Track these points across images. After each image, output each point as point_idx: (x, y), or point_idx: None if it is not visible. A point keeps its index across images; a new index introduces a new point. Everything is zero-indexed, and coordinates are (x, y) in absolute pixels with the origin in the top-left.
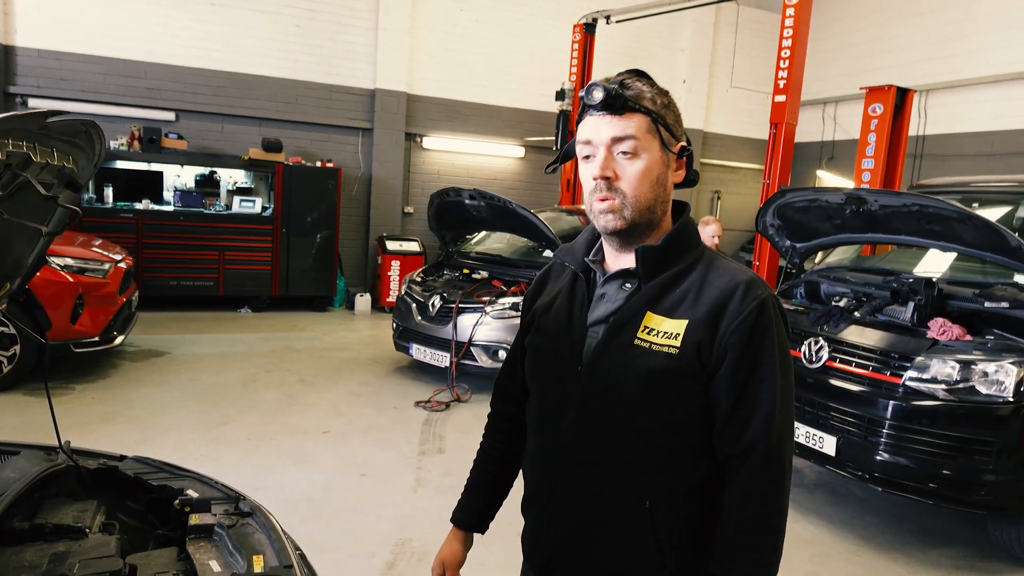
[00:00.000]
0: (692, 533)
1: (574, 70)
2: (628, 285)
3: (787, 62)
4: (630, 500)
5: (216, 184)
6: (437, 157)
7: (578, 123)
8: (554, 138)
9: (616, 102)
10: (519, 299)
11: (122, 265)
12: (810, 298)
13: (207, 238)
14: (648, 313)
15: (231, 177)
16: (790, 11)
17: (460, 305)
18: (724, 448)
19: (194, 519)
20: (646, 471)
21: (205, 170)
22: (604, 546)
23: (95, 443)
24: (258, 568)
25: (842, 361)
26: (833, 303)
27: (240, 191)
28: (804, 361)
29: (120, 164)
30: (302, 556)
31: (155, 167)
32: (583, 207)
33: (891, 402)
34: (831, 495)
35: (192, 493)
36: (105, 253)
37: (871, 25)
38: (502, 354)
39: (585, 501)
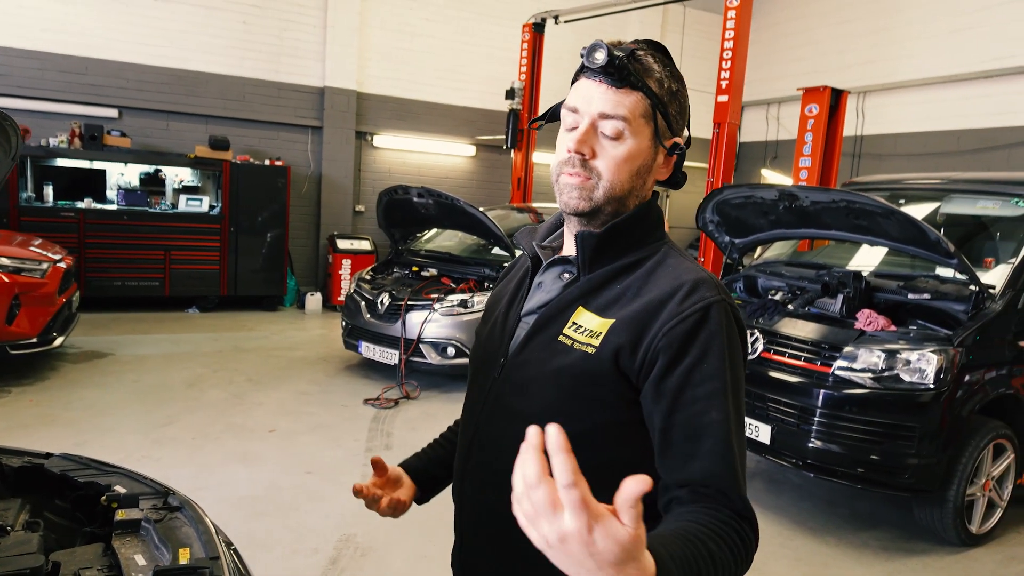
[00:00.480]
0: None
1: (523, 70)
2: (567, 275)
3: (729, 63)
4: None
5: (161, 183)
6: (388, 155)
7: (573, 82)
8: (504, 136)
9: (618, 72)
10: (467, 296)
11: (61, 265)
12: (749, 292)
13: (152, 237)
14: (580, 308)
15: (177, 176)
16: (731, 12)
17: (409, 302)
18: (667, 487)
19: (120, 514)
20: None
21: (150, 168)
22: (510, 566)
23: (31, 446)
24: (184, 560)
25: (776, 352)
26: (769, 296)
27: (187, 190)
28: None
29: (61, 162)
30: (233, 549)
31: (97, 165)
32: (536, 203)
33: (822, 391)
34: (768, 483)
35: (120, 489)
36: (43, 252)
37: (810, 28)
38: (451, 351)
39: (487, 511)
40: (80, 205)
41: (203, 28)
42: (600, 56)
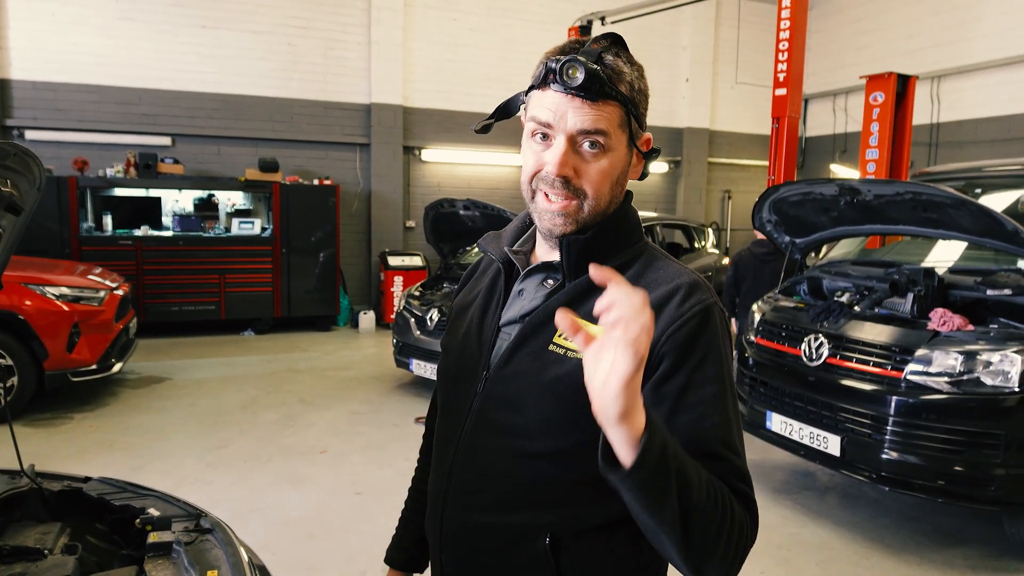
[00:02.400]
0: None
1: None
2: (550, 281)
3: (786, 54)
4: (527, 534)
5: (215, 207)
6: (437, 169)
7: (533, 87)
8: None
9: (596, 87)
10: None
11: (118, 292)
12: (814, 295)
13: (207, 262)
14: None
15: (229, 199)
16: (786, 1)
17: None
18: None
19: (153, 537)
20: (547, 502)
21: (203, 193)
22: None
23: (90, 472)
24: None
25: (843, 357)
26: (834, 298)
27: (239, 213)
28: (804, 359)
29: (118, 191)
30: (263, 570)
31: (153, 193)
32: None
33: (894, 398)
34: (843, 498)
35: (154, 512)
36: (101, 281)
37: (876, 13)
38: None
39: (473, 533)
40: (137, 233)
41: (250, 53)
42: (579, 75)
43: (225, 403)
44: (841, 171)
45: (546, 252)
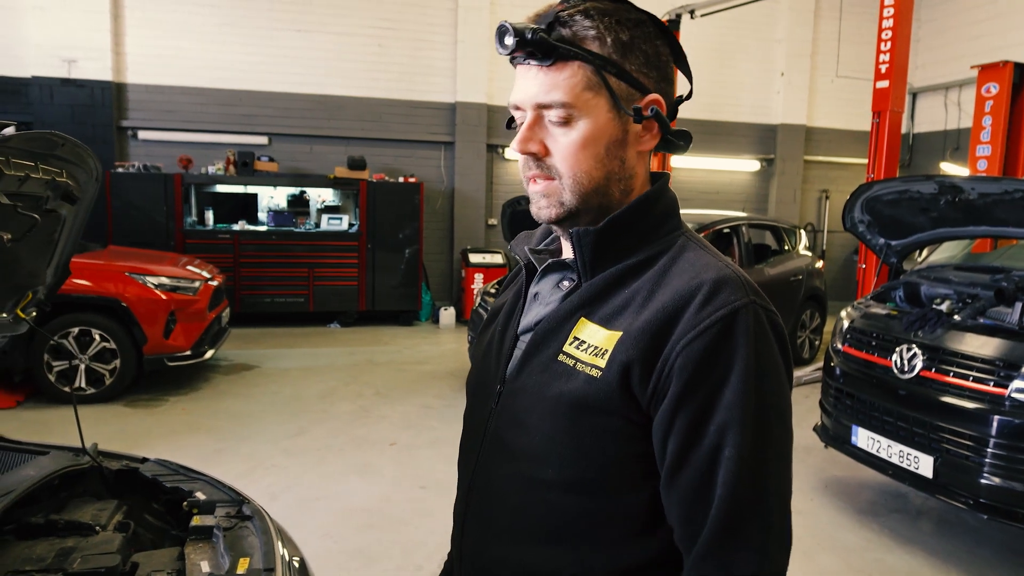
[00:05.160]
0: None
1: None
2: (566, 283)
3: (889, 44)
4: (543, 574)
5: (306, 203)
6: (519, 167)
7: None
8: None
9: (539, 48)
10: None
11: (213, 283)
12: (910, 301)
13: (297, 256)
14: (582, 320)
15: (320, 196)
16: None
17: None
18: (676, 531)
19: (195, 520)
20: (561, 539)
21: (296, 190)
22: None
23: (176, 451)
24: (241, 570)
25: (938, 371)
26: (932, 306)
27: (328, 209)
28: (896, 371)
29: (219, 188)
30: (301, 562)
31: (250, 189)
32: None
33: (996, 417)
34: (937, 524)
35: (200, 496)
36: (197, 272)
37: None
38: None
39: (489, 565)
40: (235, 227)
41: (342, 55)
42: (508, 40)
43: (306, 392)
44: (952, 169)
45: (568, 249)
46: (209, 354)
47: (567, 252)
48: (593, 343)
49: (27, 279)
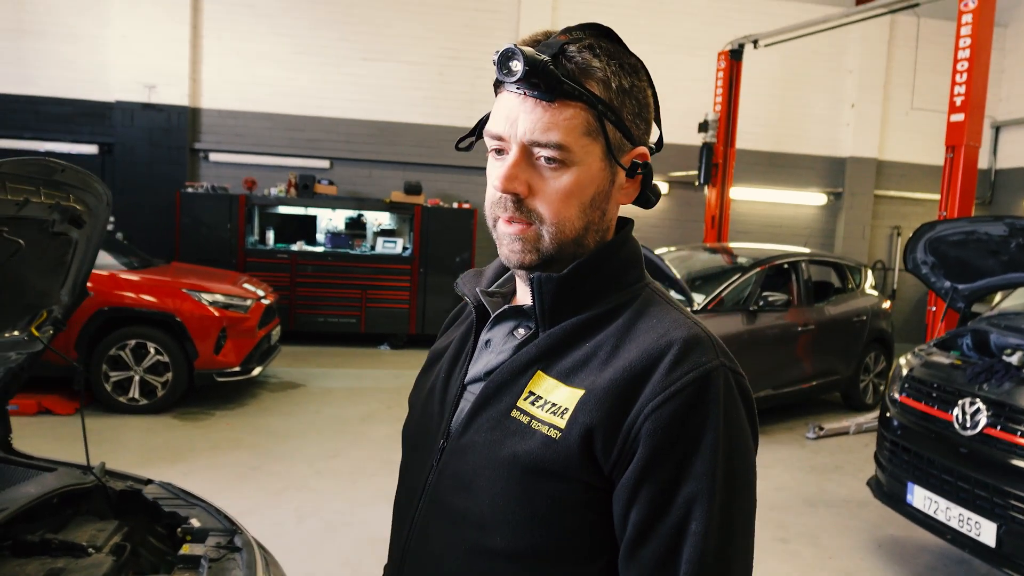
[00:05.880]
0: None
1: (719, 100)
2: (521, 331)
3: (964, 76)
4: None
5: (363, 226)
6: None
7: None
8: (697, 172)
9: (545, 82)
10: None
11: (264, 301)
12: (978, 350)
13: (352, 277)
14: (539, 373)
15: (376, 219)
16: (966, 18)
17: None
18: None
19: (185, 548)
20: None
21: (353, 213)
22: None
23: (215, 466)
24: None
25: (1005, 429)
26: (1003, 357)
27: (383, 232)
28: (957, 426)
29: (281, 209)
30: None
31: (310, 211)
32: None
33: None
34: None
35: (195, 522)
36: (251, 290)
37: None
38: None
39: None
40: (293, 248)
41: (404, 82)
42: (516, 66)
43: (347, 413)
44: None
45: (525, 294)
46: (257, 371)
47: (523, 297)
48: (551, 400)
49: (39, 299)
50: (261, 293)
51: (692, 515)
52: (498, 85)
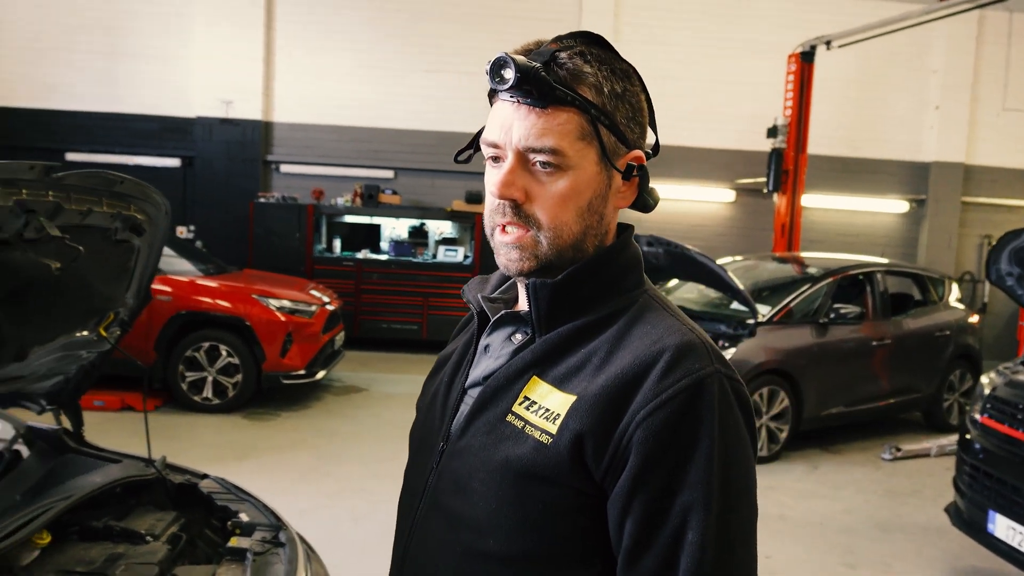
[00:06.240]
0: None
1: (789, 104)
2: (518, 336)
3: None
4: None
5: (425, 235)
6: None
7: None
8: (766, 179)
9: (537, 88)
10: None
11: (329, 307)
12: None
13: (414, 285)
14: (534, 378)
15: (438, 228)
16: None
17: None
18: None
19: (232, 541)
20: None
21: (416, 222)
22: None
23: (278, 465)
24: None
25: None
26: None
27: (445, 241)
28: None
29: (347, 218)
30: None
31: (375, 220)
32: (786, 253)
33: None
34: None
35: (244, 517)
36: (317, 296)
37: None
38: None
39: None
40: (359, 256)
41: (465, 93)
42: (508, 74)
43: (405, 418)
44: None
45: (525, 300)
46: (321, 375)
47: (523, 303)
48: (545, 405)
49: (105, 302)
50: (326, 299)
51: (688, 525)
52: (492, 94)
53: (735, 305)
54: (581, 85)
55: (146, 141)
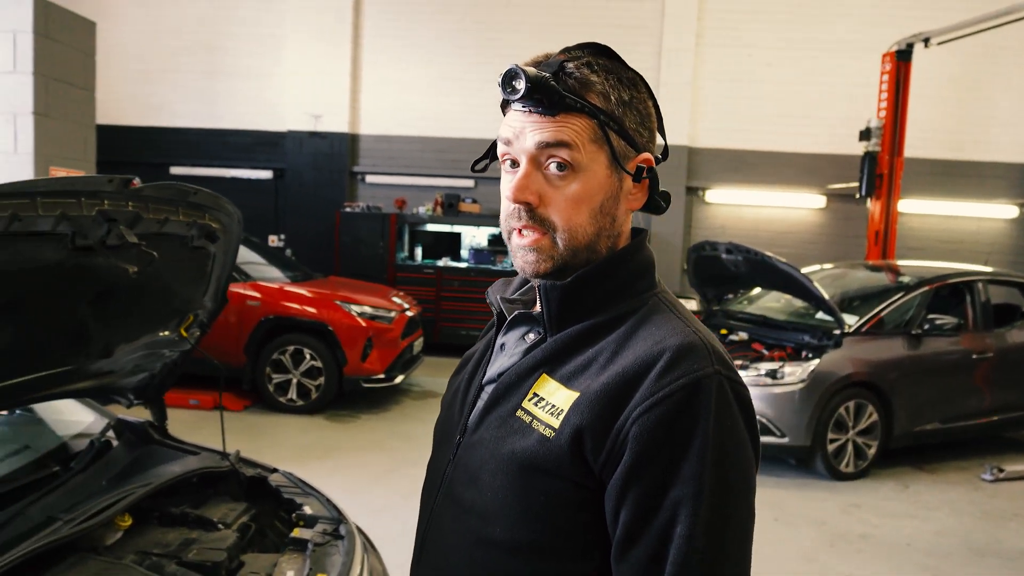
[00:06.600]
0: None
1: (883, 105)
2: (531, 335)
3: None
4: None
5: (504, 243)
6: (721, 211)
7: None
8: (858, 183)
9: (547, 97)
10: (777, 366)
11: (408, 313)
12: None
13: None
14: (543, 376)
15: None
16: None
17: None
18: None
19: (295, 532)
20: None
21: (495, 230)
22: None
23: (356, 465)
24: None
25: None
26: None
27: None
28: None
29: (428, 227)
30: None
31: (455, 228)
32: (880, 261)
33: None
34: None
35: (308, 510)
36: (396, 302)
37: None
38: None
39: None
40: (439, 263)
41: None
42: (519, 84)
43: None
44: None
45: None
46: (399, 379)
47: (539, 304)
48: (551, 401)
49: (185, 305)
50: (406, 305)
51: (678, 518)
52: (505, 105)
53: (820, 315)
54: (589, 93)
55: (241, 154)
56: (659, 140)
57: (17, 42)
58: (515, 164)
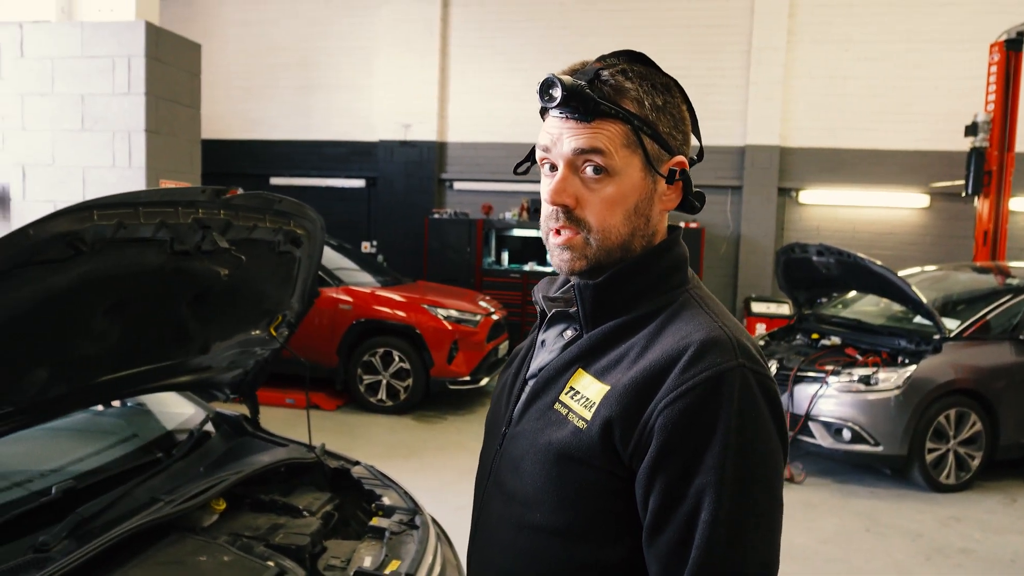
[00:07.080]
0: None
1: (992, 98)
2: (569, 332)
3: None
4: None
5: None
6: (815, 212)
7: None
8: (964, 181)
9: (582, 104)
10: (871, 371)
11: (493, 317)
12: None
13: None
14: (579, 370)
15: None
16: None
17: (797, 373)
18: None
19: (373, 521)
20: None
21: None
22: None
23: (440, 465)
24: (389, 570)
25: None
26: None
27: None
28: None
29: (514, 232)
30: (441, 572)
31: (541, 233)
32: (976, 263)
33: None
34: None
35: (386, 501)
36: (482, 306)
37: None
38: (847, 434)
39: None
40: (525, 268)
41: None
42: (556, 92)
43: None
44: None
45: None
46: (484, 381)
47: (575, 302)
48: (585, 395)
49: (274, 306)
50: (491, 309)
51: (702, 505)
52: (544, 112)
53: (918, 319)
54: (623, 99)
55: (336, 164)
56: (694, 142)
57: (132, 66)
58: (554, 168)
